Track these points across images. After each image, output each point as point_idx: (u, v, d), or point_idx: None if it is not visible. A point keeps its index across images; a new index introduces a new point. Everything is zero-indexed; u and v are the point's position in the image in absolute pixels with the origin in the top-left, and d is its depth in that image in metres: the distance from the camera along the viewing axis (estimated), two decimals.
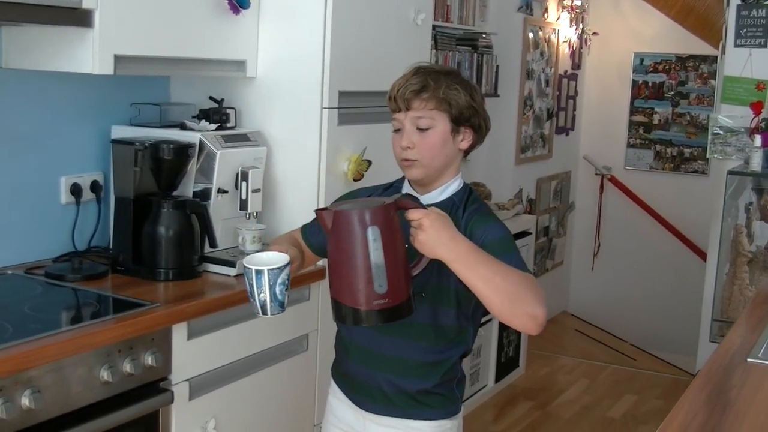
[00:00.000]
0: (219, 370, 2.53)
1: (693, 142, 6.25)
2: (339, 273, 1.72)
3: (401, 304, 1.70)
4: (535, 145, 5.77)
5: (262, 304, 1.79)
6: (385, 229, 1.69)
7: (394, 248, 1.71)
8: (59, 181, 2.81)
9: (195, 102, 3.07)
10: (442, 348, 1.97)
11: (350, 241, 1.69)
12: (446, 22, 4.55)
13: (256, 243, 2.83)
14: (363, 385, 2.03)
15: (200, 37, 2.78)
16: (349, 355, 2.05)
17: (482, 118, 2.01)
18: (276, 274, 1.78)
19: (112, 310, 2.41)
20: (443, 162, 1.98)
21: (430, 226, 1.71)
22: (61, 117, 2.81)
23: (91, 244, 2.88)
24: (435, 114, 1.94)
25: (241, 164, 2.85)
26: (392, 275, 1.69)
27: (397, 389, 1.99)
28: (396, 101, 1.96)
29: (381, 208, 1.70)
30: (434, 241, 1.71)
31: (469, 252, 1.74)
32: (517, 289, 1.73)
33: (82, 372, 2.10)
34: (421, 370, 1.97)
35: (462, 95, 1.95)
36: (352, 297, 1.69)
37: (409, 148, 1.95)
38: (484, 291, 1.72)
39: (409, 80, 1.95)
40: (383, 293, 1.68)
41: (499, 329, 4.73)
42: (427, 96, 1.93)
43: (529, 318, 1.73)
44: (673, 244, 6.29)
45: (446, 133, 1.96)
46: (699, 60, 6.18)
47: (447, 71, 1.99)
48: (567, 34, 6.05)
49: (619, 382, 5.26)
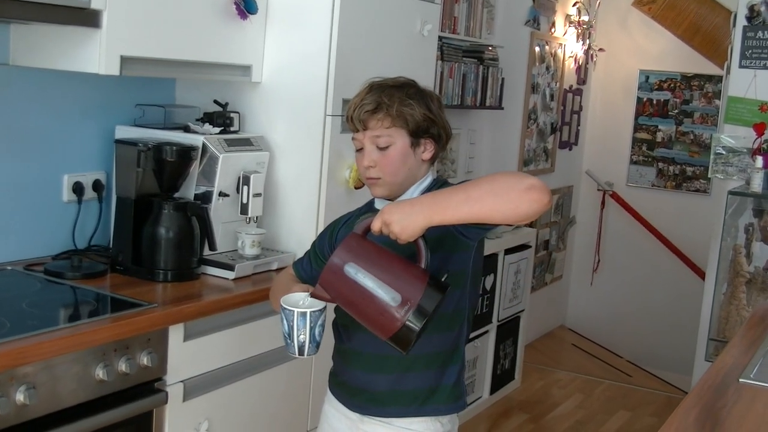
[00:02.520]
0: (214, 372, 2.54)
1: (695, 161, 6.26)
2: (364, 319, 1.77)
3: (425, 294, 1.71)
4: (537, 159, 5.78)
5: (300, 346, 1.83)
6: (357, 258, 1.74)
7: (380, 263, 1.75)
8: (62, 179, 2.83)
9: (199, 105, 3.08)
10: (446, 337, 1.98)
11: (344, 291, 1.75)
12: (453, 34, 4.57)
13: (256, 247, 2.84)
14: (365, 390, 2.03)
15: (207, 40, 2.80)
16: (349, 363, 2.06)
17: (440, 126, 2.02)
18: (317, 316, 1.82)
19: (110, 309, 2.42)
20: (406, 175, 2.00)
21: (389, 213, 1.73)
22: (66, 116, 2.83)
23: (91, 242, 2.89)
24: (392, 132, 1.97)
25: (243, 168, 2.86)
26: (396, 283, 1.72)
27: (406, 387, 1.99)
28: (353, 121, 1.99)
29: (339, 248, 1.76)
30: (405, 221, 1.71)
31: (434, 196, 1.75)
32: (493, 184, 1.70)
33: (77, 370, 2.11)
34: (426, 365, 1.98)
35: (416, 108, 1.97)
36: (386, 328, 1.73)
37: (371, 167, 1.99)
38: (473, 210, 1.69)
39: (363, 99, 1.97)
40: (400, 302, 1.71)
41: (496, 342, 4.73)
42: (382, 115, 1.96)
43: (527, 191, 1.66)
44: (672, 262, 6.29)
45: (406, 148, 1.98)
46: (704, 79, 6.19)
47: (401, 84, 2.01)
48: (573, 50, 6.07)
49: (613, 398, 5.25)
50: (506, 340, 4.89)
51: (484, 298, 4.46)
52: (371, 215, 1.80)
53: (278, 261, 2.89)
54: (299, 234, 2.99)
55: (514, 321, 4.96)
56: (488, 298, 4.53)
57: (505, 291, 4.71)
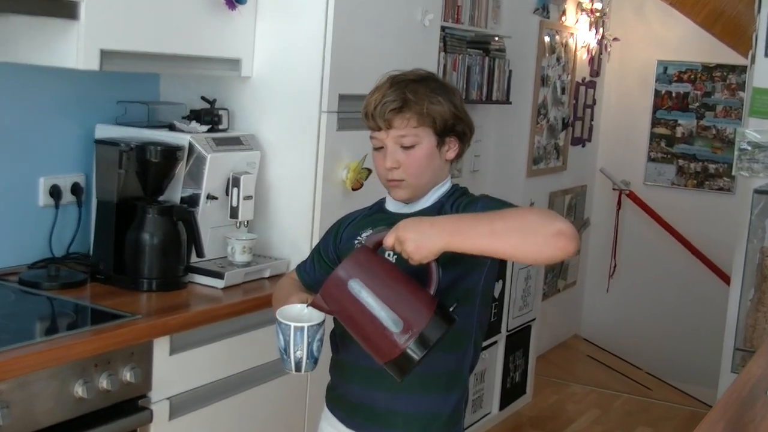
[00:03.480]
0: (202, 388, 2.54)
1: (718, 158, 6.26)
2: (362, 339, 1.78)
3: (429, 324, 1.72)
4: (548, 157, 5.79)
5: (297, 362, 1.84)
6: (363, 274, 1.75)
7: (387, 283, 1.75)
8: (37, 182, 2.83)
9: (185, 102, 3.08)
10: (449, 357, 1.97)
11: (345, 307, 1.76)
12: (456, 23, 4.57)
13: (247, 254, 2.84)
14: (363, 406, 2.03)
15: (193, 33, 2.80)
16: (347, 378, 2.06)
17: (466, 123, 2.03)
18: (315, 330, 1.83)
19: (90, 322, 2.42)
20: (431, 177, 2.01)
21: (405, 231, 1.73)
22: (42, 114, 2.83)
23: (69, 250, 2.89)
24: (419, 131, 1.96)
25: (232, 169, 2.87)
26: (400, 307, 1.73)
27: (401, 409, 1.99)
28: (375, 120, 1.97)
29: (347, 260, 1.77)
30: (420, 240, 1.72)
31: (456, 220, 1.76)
32: (521, 221, 1.71)
33: (55, 387, 2.11)
34: (426, 386, 1.97)
35: (445, 106, 1.97)
36: (383, 352, 1.74)
37: (395, 168, 1.98)
38: (495, 245, 1.70)
39: (385, 95, 1.96)
40: (402, 328, 1.71)
41: (505, 353, 4.73)
42: (410, 114, 1.95)
43: (555, 237, 1.67)
44: (694, 266, 6.29)
45: (432, 148, 1.99)
46: (727, 70, 6.20)
47: (422, 78, 2.00)
48: (586, 39, 6.07)
49: (632, 413, 5.25)
50: (516, 351, 4.89)
51: (491, 306, 4.46)
52: (384, 228, 1.80)
53: (271, 268, 2.89)
54: (293, 239, 2.99)
55: (524, 331, 4.96)
56: (497, 306, 4.53)
57: (514, 298, 4.71)
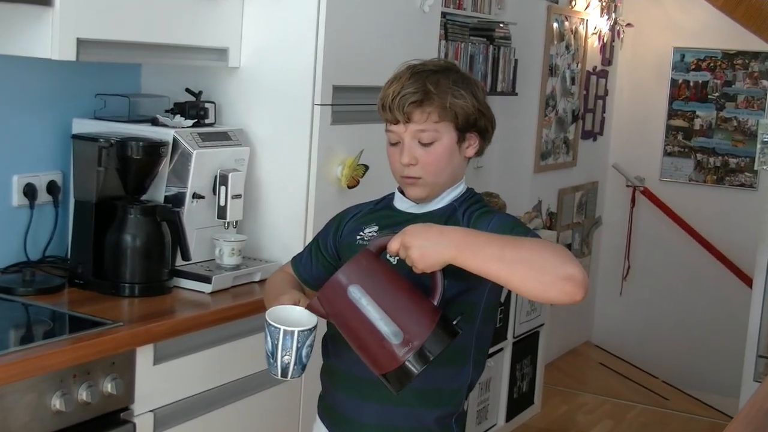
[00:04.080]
0: (188, 400, 2.54)
1: (740, 151, 6.27)
2: (359, 348, 1.79)
3: (431, 337, 1.73)
4: (557, 151, 5.79)
5: (284, 367, 1.84)
6: (364, 280, 1.76)
7: (389, 292, 1.77)
8: (11, 181, 2.83)
9: (169, 94, 3.09)
10: (443, 373, 1.97)
11: (343, 314, 1.78)
12: (458, 9, 4.58)
13: (236, 256, 2.84)
14: (348, 418, 2.03)
15: (176, 20, 2.80)
16: (336, 384, 2.06)
17: (488, 118, 2.03)
18: (306, 336, 1.83)
19: (68, 329, 2.42)
20: (449, 176, 2.01)
21: (411, 237, 1.74)
22: (15, 108, 2.83)
23: (45, 253, 2.89)
24: (440, 126, 1.96)
25: (220, 166, 2.87)
26: (401, 317, 1.74)
27: (388, 423, 1.99)
28: (392, 112, 1.97)
29: (348, 265, 1.78)
30: (426, 248, 1.73)
31: (467, 235, 1.76)
32: (533, 255, 1.72)
33: (30, 399, 2.11)
34: (417, 400, 1.97)
35: (468, 99, 1.97)
36: (381, 364, 1.75)
37: (412, 165, 1.98)
38: (501, 271, 1.71)
39: (404, 86, 1.95)
40: (402, 340, 1.73)
41: (512, 361, 4.74)
42: (431, 108, 1.95)
43: (563, 281, 1.69)
44: (713, 268, 6.30)
45: (452, 144, 1.99)
46: (749, 57, 6.20)
47: (443, 68, 2.00)
48: (597, 25, 6.07)
49: (648, 424, 5.26)
50: (524, 358, 4.90)
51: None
52: (390, 232, 1.80)
53: (261, 271, 2.89)
54: (284, 240, 2.99)
55: (532, 337, 4.96)
56: (503, 311, 4.53)
57: (521, 302, 4.71)
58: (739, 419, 2.10)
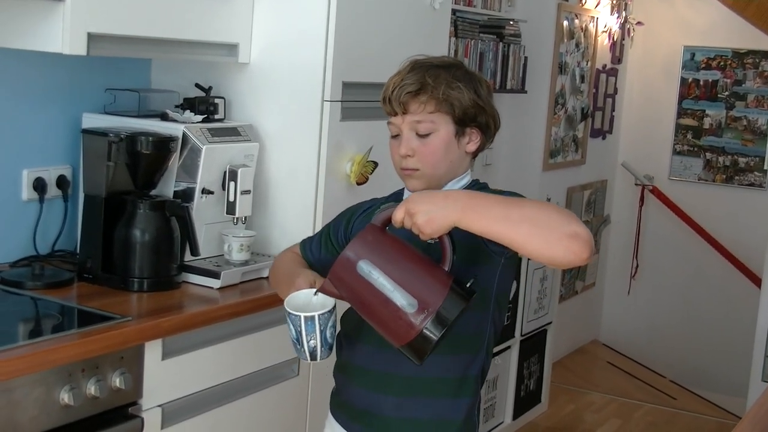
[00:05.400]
0: (196, 395, 2.54)
1: (749, 151, 6.25)
2: (376, 323, 1.79)
3: (446, 301, 1.73)
4: (566, 150, 5.78)
5: (312, 351, 1.87)
6: (373, 253, 1.76)
7: (398, 262, 1.77)
8: (21, 175, 2.83)
9: (179, 90, 3.09)
10: (460, 360, 1.99)
11: (356, 290, 1.78)
12: (468, 6, 4.57)
13: (244, 252, 2.84)
14: (368, 413, 2.03)
15: (187, 15, 2.80)
16: (352, 380, 2.07)
17: (490, 115, 2.04)
18: (327, 318, 1.85)
19: (77, 324, 2.43)
20: (448, 169, 2.01)
21: (416, 204, 1.75)
22: (25, 102, 2.83)
23: (55, 247, 2.89)
24: (436, 117, 1.98)
25: (229, 162, 2.87)
26: (413, 286, 1.74)
27: (409, 415, 1.99)
28: (391, 104, 1.99)
29: (354, 241, 1.78)
30: (432, 213, 1.73)
31: (472, 197, 1.77)
32: (539, 214, 1.73)
33: (39, 393, 2.11)
34: (436, 390, 1.98)
35: (465, 93, 1.98)
36: (400, 335, 1.75)
37: (409, 156, 1.99)
38: (506, 230, 1.72)
39: (404, 78, 1.98)
40: (417, 309, 1.73)
41: (519, 359, 4.73)
42: (426, 98, 1.96)
43: (569, 238, 1.69)
44: (722, 267, 6.28)
45: (450, 137, 1.99)
46: (759, 56, 6.18)
47: (447, 64, 2.02)
48: (607, 23, 6.06)
49: (655, 424, 5.25)
50: (531, 357, 4.89)
51: (507, 310, 4.46)
52: (394, 204, 1.82)
53: (270, 267, 2.88)
54: (293, 236, 2.96)
55: (540, 335, 4.96)
56: (510, 309, 4.53)
57: (529, 301, 4.71)
58: (746, 420, 2.09)
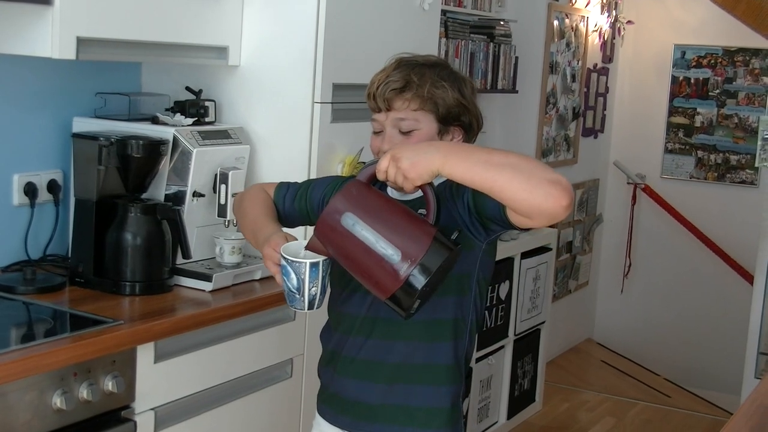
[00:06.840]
0: (189, 398, 2.54)
1: (741, 148, 6.26)
2: (362, 276, 1.82)
3: (430, 250, 1.75)
4: (558, 149, 5.79)
5: (311, 299, 1.88)
6: (356, 207, 1.79)
7: (381, 215, 1.79)
8: (11, 180, 2.83)
9: (169, 93, 3.09)
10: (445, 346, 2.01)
11: (341, 245, 1.80)
12: (458, 7, 4.58)
13: (236, 254, 2.84)
14: (357, 403, 2.05)
15: (176, 18, 2.80)
16: (340, 371, 2.08)
17: (473, 115, 2.06)
18: (328, 264, 1.88)
19: (69, 328, 2.42)
20: None
21: (400, 150, 1.79)
22: (15, 107, 2.83)
23: (46, 251, 2.89)
24: (419, 115, 1.99)
25: (220, 164, 2.87)
26: (397, 236, 1.77)
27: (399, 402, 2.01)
28: (375, 100, 2.01)
29: (338, 195, 1.81)
30: (416, 158, 1.76)
31: (454, 145, 1.87)
32: (520, 161, 1.76)
33: (31, 398, 2.11)
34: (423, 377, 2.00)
35: (449, 92, 2.00)
36: (385, 286, 1.77)
37: None
38: (488, 175, 1.74)
39: (389, 75, 2.00)
40: (401, 258, 1.75)
41: (513, 359, 4.74)
42: (410, 95, 1.98)
43: (548, 183, 1.73)
44: (715, 265, 6.29)
45: (432, 135, 2.01)
46: (750, 54, 6.20)
47: (433, 63, 2.04)
48: (598, 23, 6.07)
49: (650, 421, 5.26)
50: (525, 356, 4.90)
51: (498, 308, 4.47)
52: (375, 161, 1.85)
53: (262, 270, 2.89)
54: None
55: (533, 335, 4.96)
56: (503, 309, 4.53)
57: (522, 300, 4.71)
58: (738, 416, 2.10)
